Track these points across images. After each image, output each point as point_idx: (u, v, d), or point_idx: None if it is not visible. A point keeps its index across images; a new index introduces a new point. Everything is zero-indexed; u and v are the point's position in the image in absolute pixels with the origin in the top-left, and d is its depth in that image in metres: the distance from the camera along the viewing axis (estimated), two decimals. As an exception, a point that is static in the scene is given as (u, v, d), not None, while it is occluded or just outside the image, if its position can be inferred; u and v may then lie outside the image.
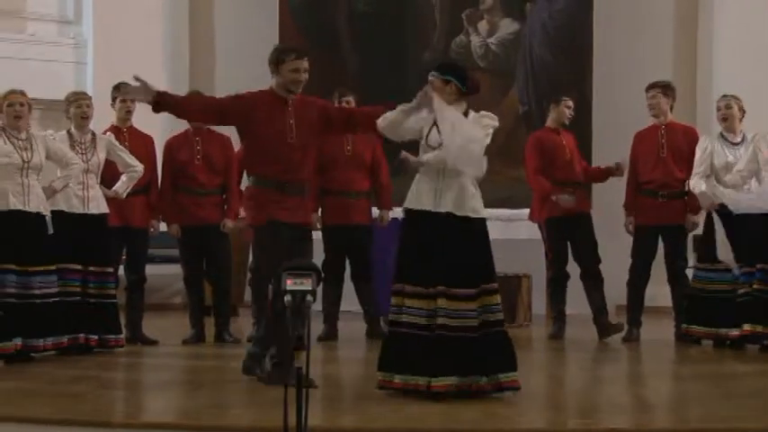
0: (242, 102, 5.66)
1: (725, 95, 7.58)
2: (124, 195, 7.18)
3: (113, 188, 7.13)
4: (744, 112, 7.51)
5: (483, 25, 10.48)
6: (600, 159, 8.97)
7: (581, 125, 8.06)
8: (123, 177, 7.16)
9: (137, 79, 5.36)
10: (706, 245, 7.48)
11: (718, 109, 7.52)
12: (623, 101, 8.43)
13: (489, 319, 5.19)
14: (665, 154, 7.71)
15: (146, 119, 7.73)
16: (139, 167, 7.18)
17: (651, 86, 7.86)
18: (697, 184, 7.41)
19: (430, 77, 5.35)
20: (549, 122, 8.12)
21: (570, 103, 8.09)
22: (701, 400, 5.36)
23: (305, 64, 5.63)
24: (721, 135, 7.53)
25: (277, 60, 5.63)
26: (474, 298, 5.16)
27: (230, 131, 7.90)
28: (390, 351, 5.27)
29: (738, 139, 7.47)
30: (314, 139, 5.77)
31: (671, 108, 7.85)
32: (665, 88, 7.82)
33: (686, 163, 7.64)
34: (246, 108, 5.62)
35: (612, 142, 8.24)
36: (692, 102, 10.18)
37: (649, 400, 5.54)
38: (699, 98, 10.20)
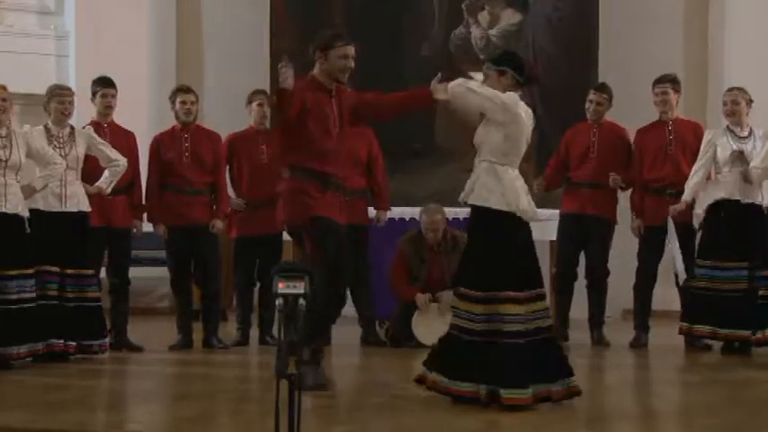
0: (298, 90, 5.47)
1: (731, 89, 7.46)
2: (108, 191, 7.01)
3: (96, 184, 6.96)
4: (751, 102, 7.37)
5: (484, 16, 10.33)
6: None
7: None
8: (106, 173, 7.00)
9: (286, 63, 5.22)
10: (708, 241, 7.35)
11: (725, 104, 7.40)
12: (630, 94, 8.26)
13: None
14: (673, 150, 7.58)
15: (128, 115, 7.67)
16: (122, 161, 7.02)
17: (660, 80, 7.69)
18: (691, 189, 7.29)
19: (485, 69, 5.27)
20: None
21: (592, 96, 7.74)
22: (710, 409, 5.24)
23: (352, 51, 5.55)
24: (728, 128, 7.40)
25: (325, 46, 5.53)
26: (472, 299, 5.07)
27: (220, 128, 7.77)
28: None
29: (746, 133, 7.33)
30: (345, 134, 5.72)
31: (676, 102, 7.73)
32: (674, 83, 7.70)
33: (695, 159, 7.47)
34: (302, 96, 5.46)
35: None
36: (703, 93, 10.12)
37: (657, 409, 5.44)
38: (710, 89, 10.11)
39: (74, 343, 6.72)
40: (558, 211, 7.87)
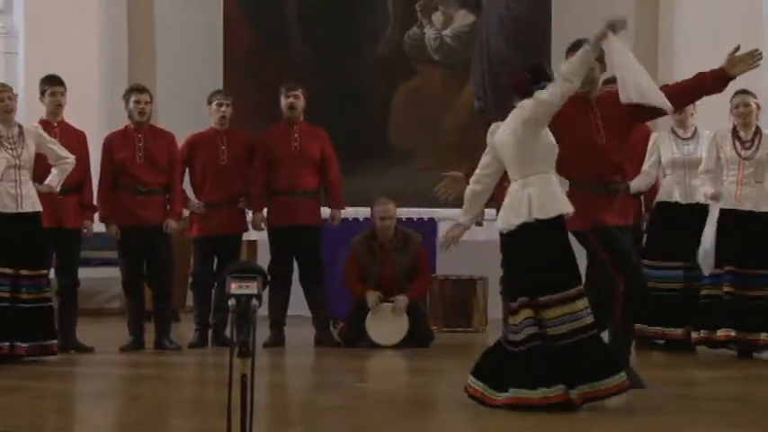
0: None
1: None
2: (58, 189, 6.91)
3: (45, 182, 6.86)
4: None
5: (437, 17, 10.34)
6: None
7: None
8: (54, 170, 6.90)
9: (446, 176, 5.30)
10: (651, 241, 7.43)
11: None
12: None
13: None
14: None
15: (78, 114, 7.54)
16: (71, 158, 6.93)
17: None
18: (638, 183, 7.26)
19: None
20: None
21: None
22: (659, 408, 5.23)
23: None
24: (672, 130, 7.43)
25: (567, 55, 5.49)
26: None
27: (174, 128, 7.70)
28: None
29: (689, 135, 7.38)
30: (626, 138, 5.57)
31: None
32: None
33: (640, 159, 7.43)
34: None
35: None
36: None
37: (605, 409, 5.29)
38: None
39: (26, 345, 6.63)
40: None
